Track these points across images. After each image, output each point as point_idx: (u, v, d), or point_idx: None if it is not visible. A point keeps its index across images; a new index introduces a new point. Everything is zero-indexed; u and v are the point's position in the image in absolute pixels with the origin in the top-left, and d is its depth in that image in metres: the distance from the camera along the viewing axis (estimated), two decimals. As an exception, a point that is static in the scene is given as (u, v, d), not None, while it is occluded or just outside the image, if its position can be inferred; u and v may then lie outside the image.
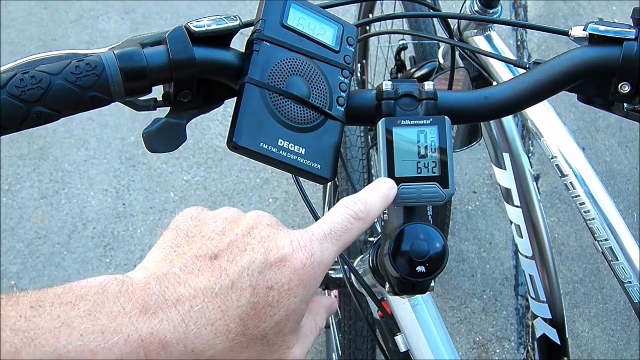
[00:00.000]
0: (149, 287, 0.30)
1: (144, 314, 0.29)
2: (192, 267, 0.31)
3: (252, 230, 0.34)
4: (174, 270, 0.31)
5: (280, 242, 0.33)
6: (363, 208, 0.37)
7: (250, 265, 0.32)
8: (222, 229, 0.34)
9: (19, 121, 0.38)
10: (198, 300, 0.30)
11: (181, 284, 0.30)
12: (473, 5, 0.83)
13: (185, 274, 0.31)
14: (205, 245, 0.33)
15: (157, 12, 2.21)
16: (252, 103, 0.43)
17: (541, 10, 2.35)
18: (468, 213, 1.83)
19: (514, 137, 0.86)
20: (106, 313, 0.28)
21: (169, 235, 0.35)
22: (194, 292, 0.30)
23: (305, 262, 0.33)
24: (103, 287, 0.29)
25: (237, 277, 0.31)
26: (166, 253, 0.33)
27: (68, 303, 0.28)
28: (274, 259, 0.32)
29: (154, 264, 0.33)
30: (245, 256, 0.32)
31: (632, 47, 0.48)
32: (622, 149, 2.00)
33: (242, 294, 0.31)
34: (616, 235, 0.73)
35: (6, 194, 1.80)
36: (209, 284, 0.31)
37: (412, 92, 0.47)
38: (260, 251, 0.32)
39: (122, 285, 0.30)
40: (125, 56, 0.41)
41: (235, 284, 0.31)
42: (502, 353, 1.62)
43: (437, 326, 0.60)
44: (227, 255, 0.32)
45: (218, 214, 0.36)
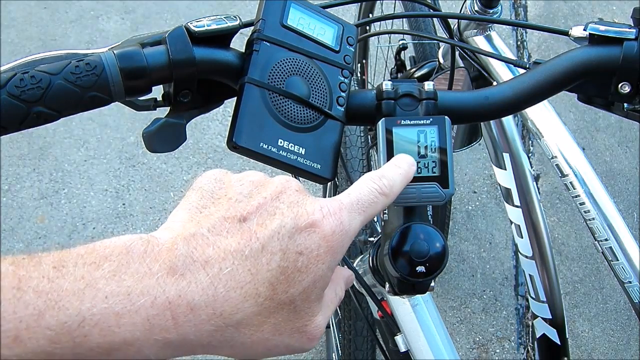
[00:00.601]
0: (177, 247, 0.29)
1: (171, 275, 0.28)
2: (221, 228, 0.31)
3: (280, 195, 0.33)
4: (202, 230, 0.30)
5: (309, 207, 0.33)
6: (387, 183, 0.37)
7: (280, 230, 0.31)
8: (249, 192, 0.33)
9: (19, 121, 0.38)
10: (227, 262, 0.29)
11: (210, 245, 0.30)
12: (473, 5, 0.83)
13: (214, 235, 0.30)
14: (233, 207, 0.32)
15: (157, 12, 2.21)
16: (252, 103, 0.43)
17: (541, 10, 2.35)
18: (468, 213, 1.83)
19: (514, 137, 0.86)
20: (132, 274, 0.27)
21: (194, 196, 0.34)
22: (224, 254, 0.30)
23: (334, 229, 0.32)
24: (128, 247, 0.28)
25: (267, 241, 0.30)
26: (192, 214, 0.32)
27: (92, 263, 0.27)
28: (304, 224, 0.32)
29: (180, 224, 0.32)
30: (275, 220, 0.31)
31: (632, 47, 0.48)
32: (622, 149, 2.00)
33: (272, 258, 0.30)
34: (616, 235, 0.73)
35: (6, 194, 1.80)
36: (238, 246, 0.30)
37: (412, 92, 0.47)
38: (290, 216, 0.32)
39: (148, 245, 0.29)
40: (125, 56, 0.41)
41: (266, 248, 0.30)
42: (502, 353, 1.62)
43: (437, 326, 0.60)
44: (257, 218, 0.31)
45: (244, 176, 0.35)
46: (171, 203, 1.80)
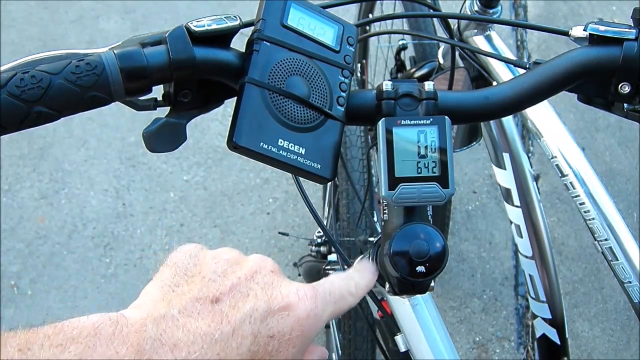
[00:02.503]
0: (145, 329, 0.28)
1: (138, 359, 0.27)
2: (192, 309, 0.30)
3: (255, 275, 0.33)
4: (172, 312, 0.30)
5: (284, 290, 0.32)
6: (354, 284, 0.38)
7: (252, 313, 0.31)
8: (223, 271, 0.33)
9: (19, 121, 0.38)
10: (196, 346, 0.29)
11: (179, 327, 0.29)
12: (473, 5, 0.83)
13: (184, 317, 0.30)
14: (206, 287, 0.32)
15: (157, 12, 2.21)
16: (252, 103, 0.43)
17: (541, 10, 2.35)
18: (468, 213, 1.83)
19: (514, 137, 0.86)
20: (98, 356, 0.27)
21: (167, 273, 0.33)
22: (193, 338, 0.29)
23: (309, 313, 0.32)
24: (96, 328, 0.28)
25: (238, 324, 0.30)
26: (164, 292, 0.32)
27: (58, 346, 0.26)
28: (277, 307, 0.31)
29: (151, 303, 0.31)
30: (248, 302, 0.31)
31: (632, 47, 0.48)
32: (622, 149, 2.00)
33: (242, 342, 0.30)
34: (616, 235, 0.73)
35: (6, 194, 1.80)
36: (208, 329, 0.29)
37: (412, 92, 0.47)
38: (263, 298, 0.31)
39: (117, 326, 0.28)
40: (126, 56, 0.41)
41: (237, 331, 0.30)
42: (502, 353, 1.62)
43: (437, 326, 0.60)
44: (229, 300, 0.31)
45: (218, 254, 0.35)
46: (171, 203, 1.80)
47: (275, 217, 1.79)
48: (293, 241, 1.73)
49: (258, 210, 1.80)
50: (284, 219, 1.79)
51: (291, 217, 1.79)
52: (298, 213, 1.80)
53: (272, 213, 1.80)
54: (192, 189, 1.83)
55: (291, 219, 1.79)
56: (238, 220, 1.78)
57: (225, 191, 1.84)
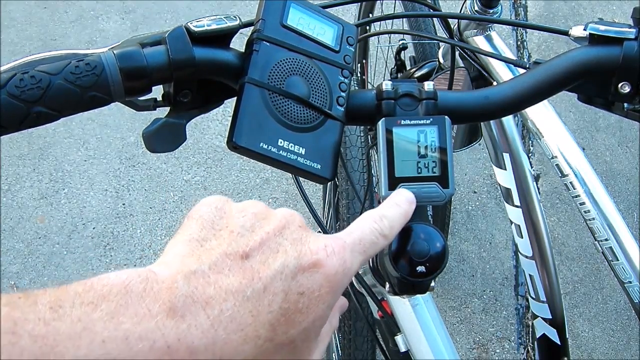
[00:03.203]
0: (177, 286, 0.28)
1: (171, 317, 0.27)
2: (222, 265, 0.30)
3: (283, 230, 0.32)
4: (203, 268, 0.29)
5: (313, 245, 0.32)
6: (388, 224, 0.37)
7: (283, 269, 0.30)
8: (251, 225, 0.32)
9: (19, 121, 0.38)
10: (229, 303, 0.28)
11: (211, 284, 0.29)
12: (473, 5, 0.83)
13: (215, 273, 0.29)
14: (235, 242, 0.31)
15: (157, 12, 2.21)
16: (252, 103, 0.43)
17: (541, 10, 2.35)
18: (468, 213, 1.83)
19: (514, 137, 0.86)
20: (130, 315, 0.26)
21: (194, 227, 0.32)
22: (225, 295, 0.28)
23: (337, 269, 0.32)
24: (126, 285, 0.27)
25: (269, 281, 0.30)
26: (192, 247, 0.31)
27: (90, 304, 0.26)
28: (307, 263, 0.31)
29: (179, 258, 0.30)
30: (278, 258, 0.31)
31: (632, 47, 0.48)
32: (622, 149, 2.00)
33: (274, 299, 0.29)
34: (616, 235, 0.73)
35: (6, 194, 1.80)
36: (240, 286, 0.29)
37: (412, 92, 0.47)
38: (293, 254, 0.31)
39: (147, 283, 0.28)
40: (125, 56, 0.41)
41: (268, 288, 0.29)
42: (502, 353, 1.62)
43: (437, 326, 0.60)
44: (259, 256, 0.30)
45: (245, 207, 0.34)
46: (171, 203, 1.80)
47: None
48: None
49: (258, 210, 1.80)
50: (284, 219, 1.79)
51: (291, 217, 1.79)
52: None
53: (272, 213, 1.80)
54: (192, 189, 1.83)
55: (291, 219, 1.79)
56: (238, 220, 1.78)
57: (225, 191, 1.84)
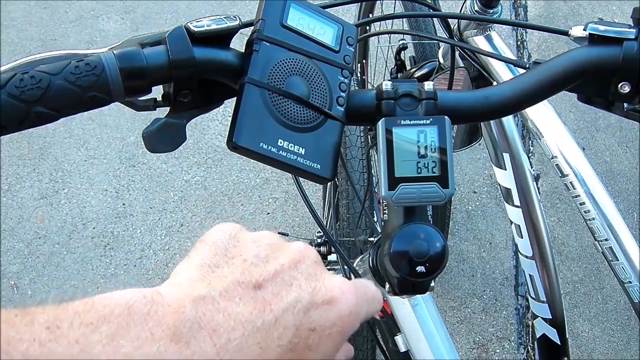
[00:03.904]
0: (184, 310, 0.27)
1: (175, 343, 0.25)
2: (234, 293, 0.28)
3: (298, 264, 0.32)
4: (213, 294, 0.28)
5: (328, 283, 0.31)
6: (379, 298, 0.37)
7: (296, 304, 0.29)
8: (265, 255, 0.31)
9: (19, 121, 0.38)
10: (237, 333, 0.27)
11: (220, 311, 0.27)
12: (473, 5, 0.83)
13: (225, 300, 0.28)
14: (249, 271, 0.30)
15: (157, 12, 2.21)
16: (252, 103, 0.43)
17: (541, 10, 2.35)
18: (468, 213, 1.83)
19: (514, 137, 0.86)
20: (131, 339, 0.25)
21: (206, 252, 0.31)
22: (234, 324, 0.27)
23: (351, 309, 0.31)
24: (129, 306, 0.26)
25: (281, 314, 0.29)
26: (203, 272, 0.30)
27: (89, 324, 0.24)
28: (321, 300, 0.30)
29: (189, 282, 0.29)
30: (291, 292, 0.30)
31: (632, 47, 0.48)
32: (622, 149, 2.00)
33: (284, 333, 0.28)
34: (616, 235, 0.73)
35: (6, 194, 1.80)
36: (250, 316, 0.28)
37: (412, 92, 0.47)
38: (307, 289, 0.30)
39: (152, 305, 0.26)
40: (125, 56, 0.41)
41: (279, 321, 0.28)
42: (502, 353, 1.62)
43: (437, 326, 0.60)
44: (272, 287, 0.29)
45: (260, 237, 0.33)
46: (171, 203, 1.80)
47: (275, 217, 1.79)
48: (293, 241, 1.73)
49: (258, 210, 1.80)
50: (284, 219, 1.79)
51: (291, 217, 1.79)
52: (298, 213, 1.80)
53: (272, 213, 1.80)
54: (192, 189, 1.83)
55: (291, 219, 1.79)
56: (238, 220, 1.78)
57: (225, 191, 1.84)
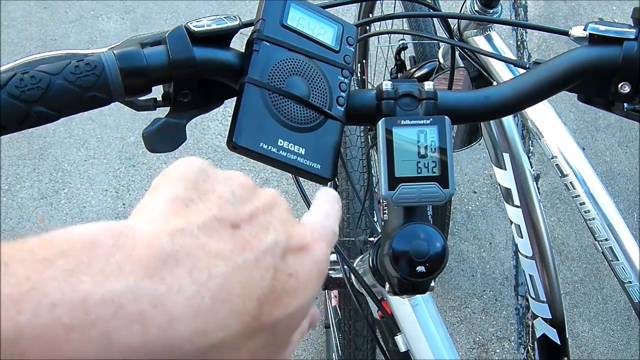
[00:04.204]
0: (159, 242, 0.24)
1: (148, 277, 0.22)
2: (212, 229, 0.26)
3: (272, 209, 0.30)
4: (191, 227, 0.25)
5: (301, 229, 0.30)
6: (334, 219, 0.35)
7: (274, 247, 0.28)
8: (240, 195, 0.30)
9: (19, 121, 0.38)
10: (219, 269, 0.25)
11: (199, 247, 0.25)
12: (473, 5, 0.83)
13: (205, 235, 0.25)
14: (224, 208, 0.28)
15: (157, 12, 2.21)
16: (252, 103, 0.43)
17: (541, 10, 2.35)
18: (468, 213, 1.83)
19: (514, 137, 0.86)
20: (94, 274, 0.21)
21: (175, 185, 0.28)
22: (214, 260, 0.25)
23: (324, 256, 0.30)
24: (93, 239, 0.23)
25: (261, 255, 0.27)
26: (176, 206, 0.27)
27: (43, 260, 0.21)
28: (297, 245, 0.29)
29: (161, 215, 0.26)
30: (269, 235, 0.28)
31: (632, 47, 0.48)
32: (622, 149, 2.00)
33: (264, 274, 0.27)
34: (616, 235, 0.73)
35: (6, 194, 1.80)
36: (232, 254, 0.26)
37: (412, 92, 0.47)
38: (283, 233, 0.29)
39: (119, 237, 0.23)
40: (125, 56, 0.41)
41: (259, 262, 0.27)
42: (502, 353, 1.62)
43: (437, 326, 0.60)
44: (250, 229, 0.28)
45: (232, 176, 0.31)
46: (171, 203, 1.80)
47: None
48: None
49: (258, 210, 1.80)
50: (284, 219, 1.79)
51: (291, 217, 1.79)
52: (298, 213, 1.80)
53: (272, 213, 1.80)
54: (192, 189, 1.83)
55: (291, 219, 1.79)
56: (238, 220, 1.78)
57: (225, 191, 1.84)
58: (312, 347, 1.59)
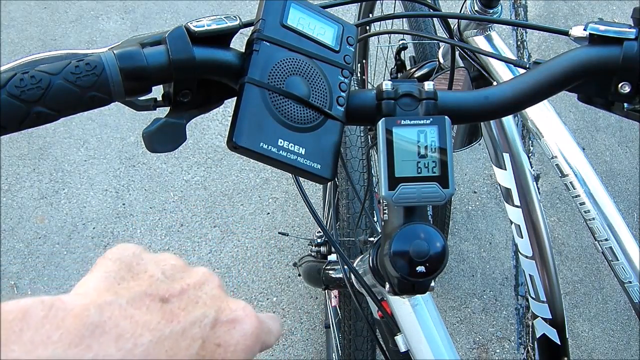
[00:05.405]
0: (87, 314, 0.25)
1: (74, 346, 0.24)
2: (140, 303, 0.28)
3: (203, 286, 0.32)
4: (120, 301, 0.27)
5: (232, 305, 0.32)
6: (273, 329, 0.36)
7: (203, 318, 0.29)
8: (171, 274, 0.32)
9: (19, 121, 0.38)
10: (144, 339, 0.26)
11: (127, 317, 0.27)
12: (473, 5, 0.83)
13: (133, 308, 0.27)
14: (155, 285, 0.30)
15: (157, 12, 2.21)
16: (252, 103, 0.43)
17: (541, 10, 2.35)
18: (468, 213, 1.83)
19: (514, 137, 0.86)
20: (23, 343, 0.23)
21: (110, 266, 0.31)
22: (140, 330, 0.26)
23: (254, 331, 0.31)
24: (24, 311, 0.24)
25: (189, 326, 0.29)
26: (109, 283, 0.29)
27: None
28: (226, 318, 0.31)
29: (94, 291, 0.28)
30: (198, 308, 0.30)
31: (632, 47, 0.48)
32: (622, 149, 2.00)
33: (192, 344, 0.28)
34: (616, 235, 0.73)
35: (6, 194, 1.80)
36: (158, 325, 0.27)
37: (412, 92, 0.47)
38: (213, 307, 0.31)
39: (51, 309, 0.25)
40: (125, 56, 0.41)
41: (187, 332, 0.28)
42: (502, 353, 1.62)
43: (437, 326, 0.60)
44: (179, 303, 0.30)
45: (164, 258, 0.33)
46: (171, 203, 1.80)
47: (275, 217, 1.79)
48: (293, 241, 1.73)
49: (258, 210, 1.80)
50: (284, 219, 1.79)
51: (291, 217, 1.79)
52: (298, 213, 1.80)
53: (272, 213, 1.80)
54: (192, 189, 1.83)
55: (291, 219, 1.79)
56: (238, 220, 1.78)
57: (225, 191, 1.84)
58: (312, 347, 1.59)
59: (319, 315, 1.63)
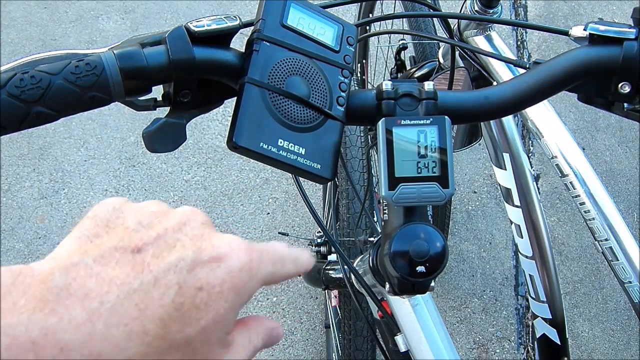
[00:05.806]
0: (52, 278, 0.26)
1: (39, 310, 0.25)
2: (109, 259, 0.28)
3: (183, 227, 0.30)
4: (86, 260, 0.27)
5: (216, 241, 0.30)
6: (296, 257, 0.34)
7: (178, 262, 0.28)
8: (149, 222, 0.30)
9: (18, 121, 0.38)
10: (111, 296, 0.26)
11: (92, 276, 0.26)
12: (473, 5, 0.83)
13: (100, 265, 0.27)
14: (128, 237, 0.29)
15: (157, 12, 2.21)
16: (252, 103, 0.43)
17: (541, 10, 2.35)
18: (468, 213, 1.83)
19: (514, 137, 0.86)
20: None
21: (87, 224, 0.30)
22: (107, 287, 0.26)
23: (242, 266, 0.29)
24: None
25: (162, 274, 0.27)
26: (81, 243, 0.29)
27: None
28: (207, 257, 0.29)
29: (65, 253, 0.28)
30: (173, 252, 0.29)
31: (632, 47, 0.48)
32: (622, 149, 2.00)
33: (165, 292, 0.27)
34: (616, 235, 0.73)
35: (6, 194, 1.80)
36: (127, 278, 0.27)
37: (412, 92, 0.47)
38: (191, 248, 0.29)
39: (18, 277, 0.25)
40: (125, 56, 0.41)
41: (159, 281, 0.27)
42: (502, 353, 1.62)
43: (437, 326, 0.60)
44: (153, 250, 0.28)
45: (145, 206, 0.32)
46: (171, 203, 1.80)
47: (275, 217, 1.79)
48: (293, 241, 1.73)
49: (258, 210, 1.80)
50: (284, 219, 1.79)
51: (291, 217, 1.79)
52: (298, 213, 1.80)
53: (272, 213, 1.80)
54: (192, 189, 1.83)
55: (291, 219, 1.79)
56: (238, 220, 1.78)
57: (225, 191, 1.84)
58: (312, 347, 1.59)
59: (319, 315, 1.63)
